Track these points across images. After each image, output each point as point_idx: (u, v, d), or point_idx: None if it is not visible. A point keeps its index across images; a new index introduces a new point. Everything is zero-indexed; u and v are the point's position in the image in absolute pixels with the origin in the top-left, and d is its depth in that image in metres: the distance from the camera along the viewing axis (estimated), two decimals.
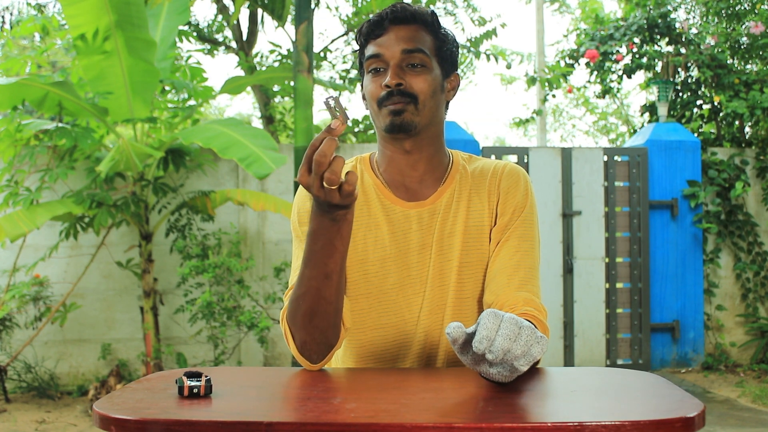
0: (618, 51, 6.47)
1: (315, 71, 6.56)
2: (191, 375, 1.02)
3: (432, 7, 6.98)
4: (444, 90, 1.36)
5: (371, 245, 1.34)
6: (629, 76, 6.60)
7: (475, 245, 1.34)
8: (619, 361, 5.56)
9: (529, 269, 1.30)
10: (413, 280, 1.34)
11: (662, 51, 6.57)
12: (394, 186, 1.37)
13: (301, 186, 1.32)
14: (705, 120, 6.68)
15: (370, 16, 1.35)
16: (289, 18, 6.27)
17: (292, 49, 4.88)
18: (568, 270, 5.49)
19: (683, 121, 6.57)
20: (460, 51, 1.41)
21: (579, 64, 6.78)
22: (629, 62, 6.54)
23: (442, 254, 1.34)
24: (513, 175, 1.37)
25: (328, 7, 7.42)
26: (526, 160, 5.47)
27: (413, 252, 1.34)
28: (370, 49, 1.32)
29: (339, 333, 1.23)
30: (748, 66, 6.89)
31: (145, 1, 4.32)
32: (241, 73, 6.70)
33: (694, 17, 7.22)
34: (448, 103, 1.40)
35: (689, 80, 6.53)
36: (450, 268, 1.33)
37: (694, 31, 6.68)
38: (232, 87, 5.00)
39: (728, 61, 6.40)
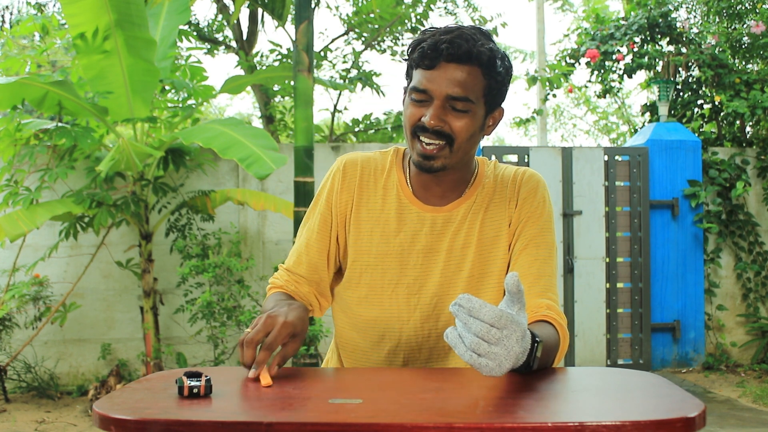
0: (619, 50, 6.46)
1: (315, 71, 6.56)
2: (191, 375, 1.02)
3: (433, 7, 6.98)
4: (484, 128, 1.33)
5: (376, 238, 1.36)
6: (630, 76, 6.59)
7: (490, 254, 1.36)
8: (620, 361, 5.56)
9: (549, 277, 1.32)
10: (410, 280, 1.35)
11: (663, 50, 6.56)
12: (416, 188, 1.38)
13: (332, 167, 1.42)
14: (706, 120, 6.68)
15: (424, 37, 1.27)
16: (290, 17, 6.27)
17: (292, 49, 4.88)
18: (568, 270, 5.49)
19: (684, 120, 6.57)
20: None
21: (580, 64, 6.78)
22: (630, 62, 6.53)
23: (453, 264, 1.35)
24: (531, 182, 1.38)
25: (328, 7, 7.41)
26: (526, 160, 5.46)
27: (418, 254, 1.35)
28: (417, 77, 1.28)
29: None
30: (749, 65, 6.89)
31: (145, 0, 4.32)
32: (241, 72, 6.69)
33: (695, 17, 7.21)
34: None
35: (690, 80, 6.53)
36: (460, 278, 1.35)
37: (695, 30, 6.67)
38: (232, 86, 4.99)
39: (729, 61, 6.39)
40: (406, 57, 1.33)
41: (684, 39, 6.48)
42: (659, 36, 6.59)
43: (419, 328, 1.36)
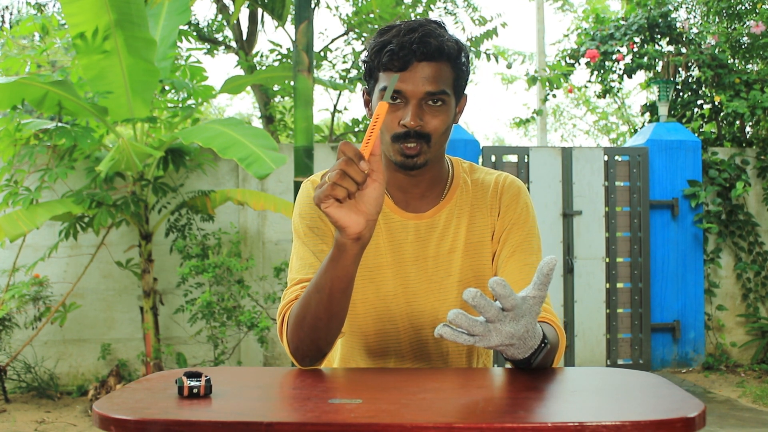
0: (618, 51, 6.46)
1: (315, 71, 6.56)
2: (191, 375, 1.02)
3: (433, 7, 6.98)
4: (454, 118, 1.33)
5: (371, 251, 1.34)
6: (630, 76, 6.59)
7: (477, 260, 1.36)
8: (620, 361, 5.56)
9: None
10: (407, 289, 1.35)
11: (663, 51, 6.56)
12: (395, 196, 1.37)
13: (303, 185, 1.34)
14: (705, 120, 6.68)
15: (388, 38, 1.26)
16: (289, 17, 6.27)
17: (292, 49, 4.87)
18: (568, 270, 5.48)
19: (684, 120, 6.57)
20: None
21: (579, 64, 6.78)
22: (630, 62, 6.54)
23: (441, 269, 1.35)
24: (512, 188, 1.38)
25: (328, 7, 7.41)
26: (526, 160, 5.46)
27: (408, 262, 1.35)
28: (387, 80, 1.26)
29: (334, 343, 1.24)
30: (749, 66, 6.89)
31: (145, 0, 4.31)
32: (241, 72, 6.69)
33: (694, 17, 7.21)
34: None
35: (690, 80, 6.53)
36: (450, 284, 1.34)
37: (694, 30, 6.68)
38: (232, 86, 4.99)
39: (729, 61, 6.40)
40: (367, 60, 1.30)
41: (684, 39, 6.48)
42: (659, 36, 6.59)
43: (417, 336, 1.35)
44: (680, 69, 6.45)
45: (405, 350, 1.36)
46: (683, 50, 6.46)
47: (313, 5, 4.68)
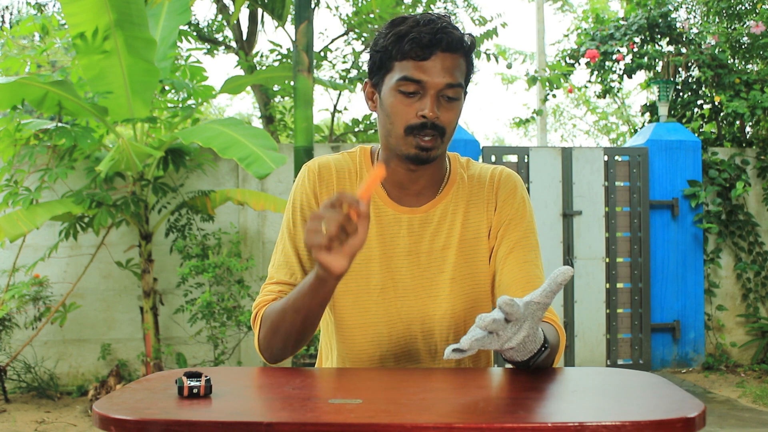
0: (618, 51, 6.46)
1: (315, 71, 6.56)
2: (191, 375, 1.02)
3: (433, 7, 6.98)
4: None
5: None
6: (630, 76, 6.59)
7: (471, 257, 1.34)
8: (620, 362, 5.56)
9: (540, 279, 1.31)
10: (397, 284, 1.34)
11: (663, 51, 6.56)
12: (390, 189, 1.36)
13: (302, 170, 1.37)
14: (705, 120, 6.68)
15: (406, 28, 1.24)
16: (289, 18, 6.27)
17: (292, 49, 4.88)
18: None
19: (684, 120, 6.57)
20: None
21: (579, 64, 6.78)
22: (630, 62, 6.54)
23: (434, 265, 1.33)
24: (509, 183, 1.37)
25: (328, 7, 7.42)
26: (526, 160, 5.46)
27: (399, 257, 1.33)
28: (408, 69, 1.23)
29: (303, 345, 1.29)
30: (749, 66, 6.89)
31: (145, 0, 4.31)
32: (241, 72, 6.70)
33: (694, 17, 7.22)
34: None
35: (690, 80, 6.53)
36: (443, 280, 1.33)
37: (694, 30, 6.68)
38: (232, 87, 4.99)
39: (729, 61, 6.40)
40: (380, 49, 1.27)
41: (684, 39, 6.48)
42: (659, 36, 6.59)
43: (406, 331, 1.34)
44: (680, 69, 6.45)
45: (394, 346, 1.35)
46: (683, 50, 6.46)
47: (313, 5, 4.68)
